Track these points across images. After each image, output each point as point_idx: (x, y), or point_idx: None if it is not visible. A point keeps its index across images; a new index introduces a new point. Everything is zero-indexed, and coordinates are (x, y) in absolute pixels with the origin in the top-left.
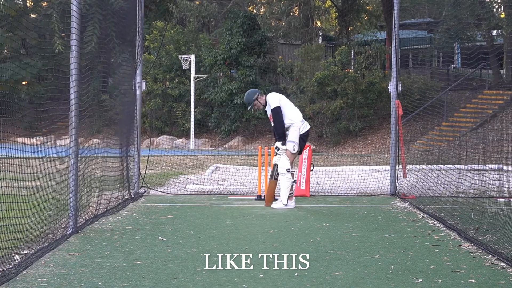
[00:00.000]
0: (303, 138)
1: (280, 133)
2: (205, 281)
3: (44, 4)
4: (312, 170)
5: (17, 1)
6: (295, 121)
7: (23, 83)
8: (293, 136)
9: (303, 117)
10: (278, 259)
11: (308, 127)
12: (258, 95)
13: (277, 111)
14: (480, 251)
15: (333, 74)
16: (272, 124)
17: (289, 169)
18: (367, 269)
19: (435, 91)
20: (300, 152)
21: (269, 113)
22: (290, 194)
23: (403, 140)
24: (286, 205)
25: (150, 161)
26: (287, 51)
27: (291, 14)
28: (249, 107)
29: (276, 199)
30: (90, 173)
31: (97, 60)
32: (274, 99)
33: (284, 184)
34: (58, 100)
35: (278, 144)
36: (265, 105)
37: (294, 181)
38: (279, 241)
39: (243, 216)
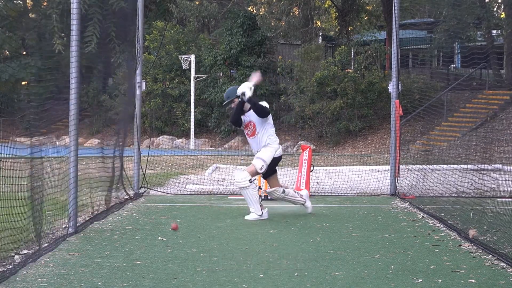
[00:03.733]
0: (275, 162)
1: (256, 103)
2: (205, 281)
3: (44, 4)
4: (312, 170)
5: (17, 1)
6: (276, 143)
7: (23, 83)
8: (266, 156)
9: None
10: (278, 259)
11: (281, 153)
12: (237, 97)
13: (267, 109)
14: (480, 251)
15: (333, 74)
16: (248, 135)
17: (251, 179)
18: (367, 269)
19: (435, 91)
20: (264, 176)
21: (248, 119)
22: (260, 202)
23: (400, 140)
24: (261, 215)
25: (150, 161)
26: (287, 51)
27: (291, 14)
28: (226, 102)
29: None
30: (90, 173)
31: (97, 60)
32: (265, 104)
33: (251, 196)
34: (58, 100)
35: (249, 84)
36: (244, 110)
37: (260, 188)
38: (279, 241)
39: (243, 216)
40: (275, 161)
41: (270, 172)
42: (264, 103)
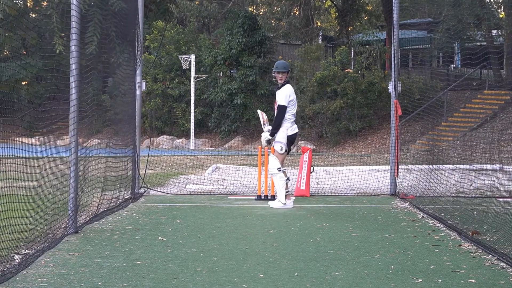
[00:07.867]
0: (291, 140)
1: (276, 128)
2: (205, 281)
3: (44, 4)
4: (312, 172)
5: (17, 1)
6: (286, 121)
7: (23, 83)
8: (280, 137)
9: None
10: (278, 259)
11: (296, 130)
12: (289, 71)
13: (282, 110)
14: (480, 251)
15: (333, 74)
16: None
17: (279, 168)
18: (367, 269)
19: (435, 91)
20: (288, 152)
21: (277, 100)
22: (287, 192)
23: (399, 140)
24: (285, 204)
25: (150, 161)
26: (287, 51)
27: (292, 14)
28: (281, 71)
29: (275, 198)
30: (91, 173)
31: (97, 60)
32: (285, 96)
33: (278, 183)
34: (58, 100)
35: (266, 133)
36: (279, 86)
37: (288, 179)
38: (279, 241)
39: (243, 216)
40: (291, 139)
41: (290, 149)
42: (285, 95)
